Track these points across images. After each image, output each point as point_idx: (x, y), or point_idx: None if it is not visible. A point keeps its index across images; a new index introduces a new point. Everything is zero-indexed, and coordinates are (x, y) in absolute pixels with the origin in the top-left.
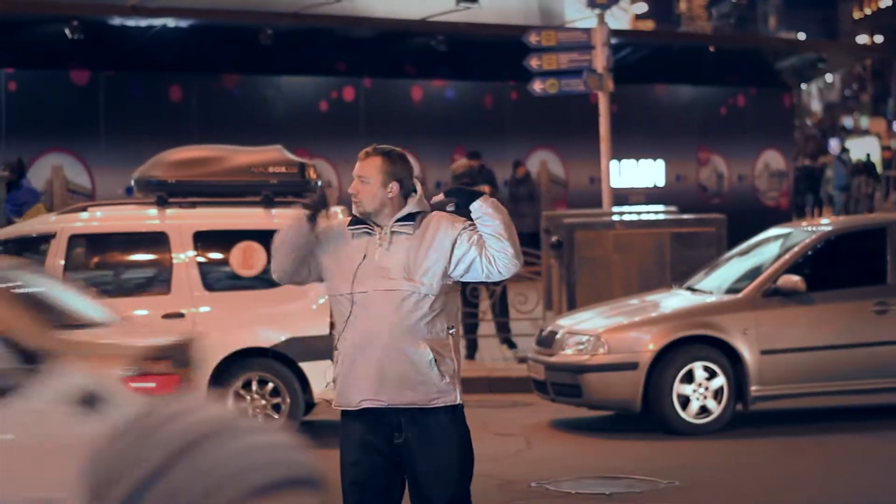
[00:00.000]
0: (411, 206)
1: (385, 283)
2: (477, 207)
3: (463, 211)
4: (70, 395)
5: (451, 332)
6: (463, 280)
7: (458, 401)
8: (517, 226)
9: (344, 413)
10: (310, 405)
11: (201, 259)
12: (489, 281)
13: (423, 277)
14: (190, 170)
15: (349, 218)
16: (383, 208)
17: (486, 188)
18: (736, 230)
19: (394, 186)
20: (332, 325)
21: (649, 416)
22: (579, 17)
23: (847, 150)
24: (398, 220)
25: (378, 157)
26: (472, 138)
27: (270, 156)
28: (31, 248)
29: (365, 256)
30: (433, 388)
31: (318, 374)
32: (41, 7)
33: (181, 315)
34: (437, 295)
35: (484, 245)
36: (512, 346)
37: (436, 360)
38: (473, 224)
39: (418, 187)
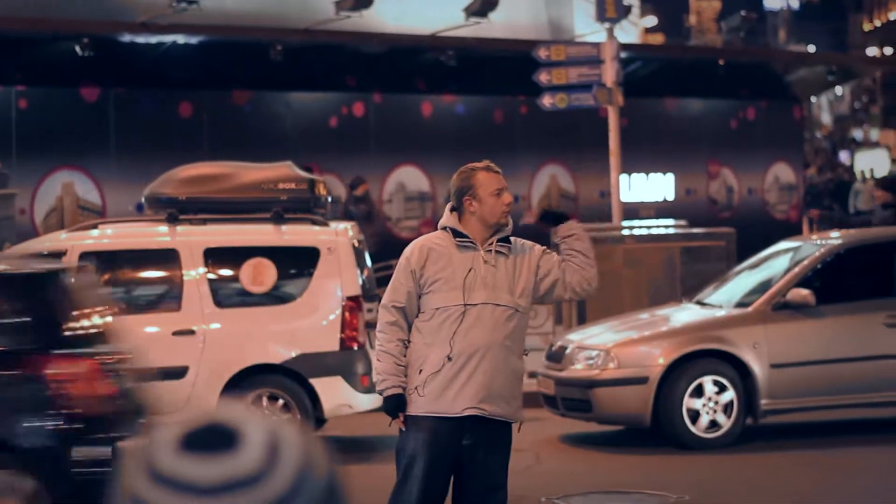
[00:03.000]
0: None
1: (494, 298)
2: (570, 226)
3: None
4: None
5: (525, 353)
6: (538, 302)
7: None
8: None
9: (417, 417)
10: (320, 421)
11: (212, 276)
12: (559, 301)
13: (519, 297)
14: (200, 186)
15: (441, 232)
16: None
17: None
18: (746, 243)
19: None
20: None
21: (659, 430)
22: (589, 31)
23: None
24: (500, 241)
25: None
26: (482, 153)
27: (280, 172)
28: None
29: (471, 269)
30: (516, 405)
31: (328, 390)
32: (51, 24)
33: (192, 332)
34: (525, 315)
35: (562, 267)
36: None
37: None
38: (549, 249)
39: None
